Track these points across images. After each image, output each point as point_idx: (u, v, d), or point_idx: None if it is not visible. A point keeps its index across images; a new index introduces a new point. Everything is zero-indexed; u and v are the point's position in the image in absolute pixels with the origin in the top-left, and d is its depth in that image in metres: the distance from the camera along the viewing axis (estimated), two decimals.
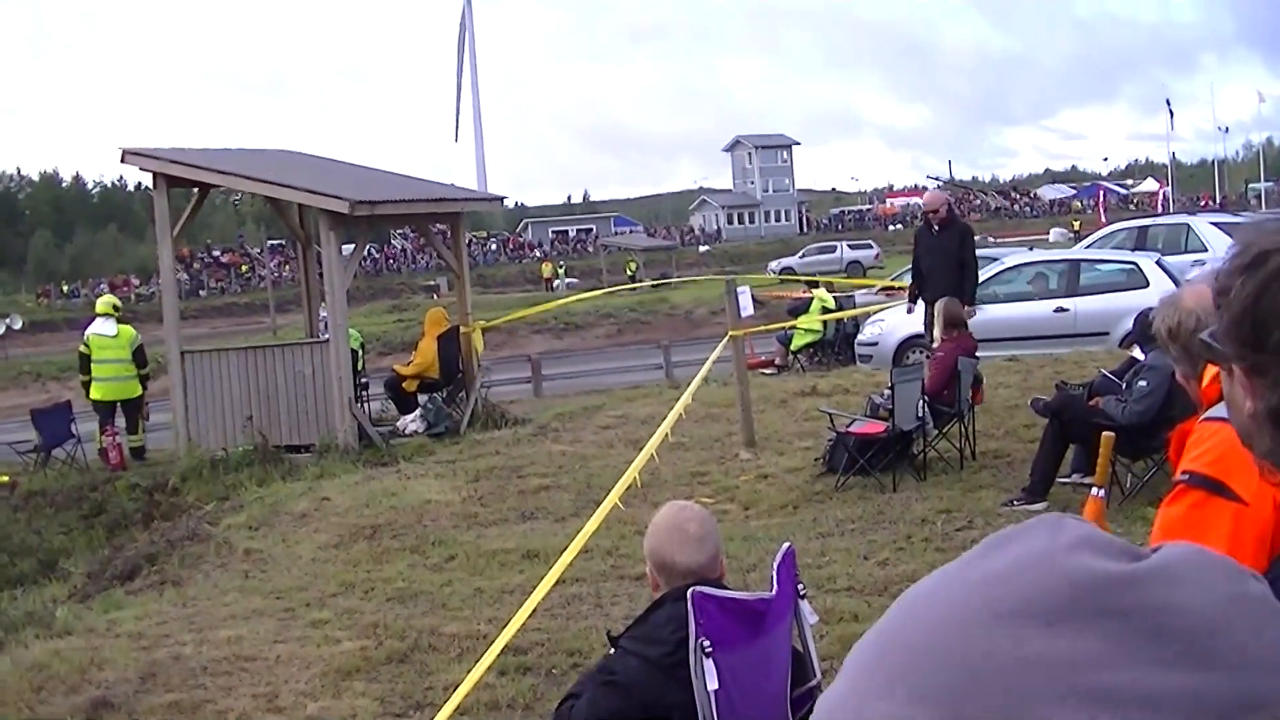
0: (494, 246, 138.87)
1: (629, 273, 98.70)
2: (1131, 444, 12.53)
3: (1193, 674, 1.10)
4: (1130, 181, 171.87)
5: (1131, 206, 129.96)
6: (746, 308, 18.46)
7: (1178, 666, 1.10)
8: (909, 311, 20.38)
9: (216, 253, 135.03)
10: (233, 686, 10.22)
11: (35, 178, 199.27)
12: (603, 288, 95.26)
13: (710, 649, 5.14)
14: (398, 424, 23.37)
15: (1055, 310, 24.75)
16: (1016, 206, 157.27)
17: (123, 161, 24.10)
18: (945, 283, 18.19)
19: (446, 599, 12.21)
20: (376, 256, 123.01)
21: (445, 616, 11.63)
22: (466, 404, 23.45)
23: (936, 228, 18.95)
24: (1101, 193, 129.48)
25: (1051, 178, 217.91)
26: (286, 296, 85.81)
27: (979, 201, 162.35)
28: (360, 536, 15.13)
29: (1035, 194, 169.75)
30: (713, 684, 5.13)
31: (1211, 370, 4.11)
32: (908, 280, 31.37)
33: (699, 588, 5.21)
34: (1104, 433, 6.55)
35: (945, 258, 18.70)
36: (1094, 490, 6.12)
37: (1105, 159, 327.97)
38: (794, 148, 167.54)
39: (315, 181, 23.42)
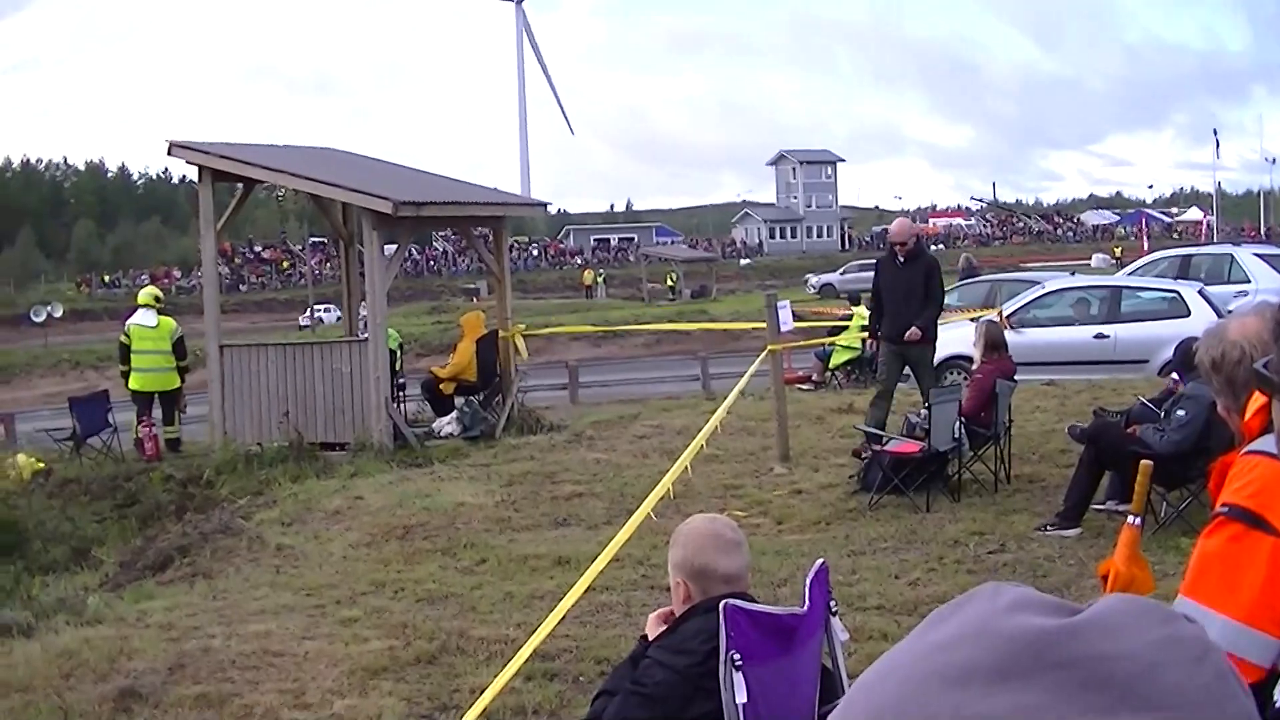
0: (535, 252, 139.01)
1: (669, 284, 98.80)
2: (1168, 473, 12.45)
3: (1133, 717, 1.12)
4: (1175, 210, 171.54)
5: (1175, 235, 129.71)
6: (786, 322, 18.46)
7: (1118, 711, 1.13)
8: (869, 346, 19.59)
9: (258, 248, 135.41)
10: (260, 681, 10.23)
11: (81, 167, 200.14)
12: (641, 297, 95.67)
13: (740, 662, 5.14)
14: (433, 425, 23.40)
15: (1095, 336, 24.67)
16: (1059, 231, 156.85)
17: (169, 154, 24.18)
18: (906, 316, 17.31)
19: (476, 602, 12.21)
20: (417, 258, 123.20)
21: (474, 619, 11.63)
22: (502, 408, 23.46)
23: (902, 259, 17.66)
24: (1145, 220, 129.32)
25: (1096, 203, 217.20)
26: (326, 294, 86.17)
27: (1022, 224, 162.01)
28: (392, 536, 15.15)
29: (1079, 219, 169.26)
30: (741, 697, 5.12)
31: (1255, 403, 4.10)
32: (948, 301, 31.46)
33: (731, 600, 5.20)
34: (1143, 461, 6.52)
35: (910, 290, 17.45)
36: (1130, 518, 6.10)
37: (1150, 186, 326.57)
38: (838, 164, 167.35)
39: (360, 180, 23.47)
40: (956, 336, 23.91)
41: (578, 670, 10.05)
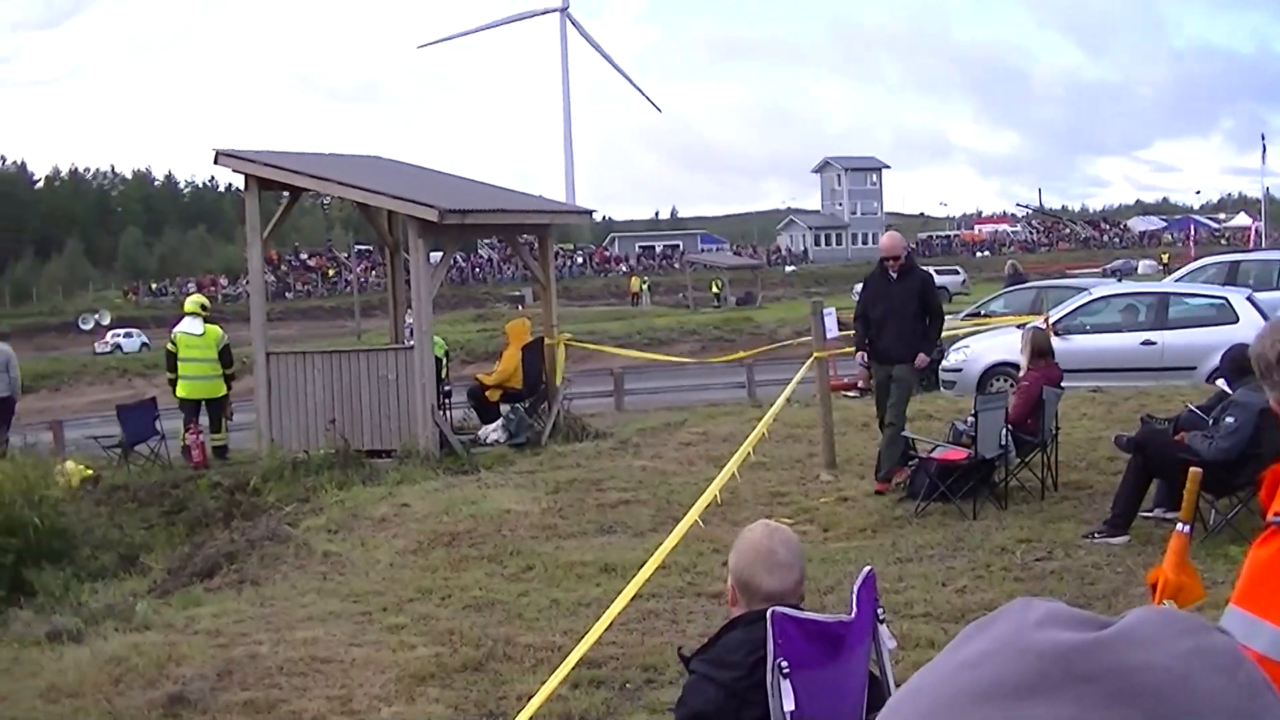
0: (580, 259, 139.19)
1: (714, 291, 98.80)
2: (1216, 480, 12.38)
3: None
4: (1222, 215, 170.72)
5: (1223, 241, 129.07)
6: (832, 330, 18.43)
7: None
8: (861, 364, 18.75)
9: (304, 256, 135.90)
10: (308, 687, 10.26)
11: (128, 176, 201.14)
12: (686, 304, 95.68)
13: (788, 670, 5.12)
14: (479, 433, 23.42)
15: (1142, 343, 24.55)
16: (1105, 237, 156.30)
17: (216, 163, 24.30)
18: (902, 332, 16.64)
19: (523, 609, 12.22)
20: (463, 265, 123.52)
21: (521, 626, 11.64)
22: (548, 415, 23.48)
23: (894, 275, 16.88)
24: (1192, 226, 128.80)
25: (1142, 209, 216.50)
26: (371, 301, 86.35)
27: (1068, 231, 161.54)
28: (438, 543, 15.17)
29: (1125, 225, 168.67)
30: (789, 705, 5.11)
31: None
32: (994, 307, 31.39)
33: (779, 608, 5.19)
34: (1192, 468, 6.49)
35: (903, 306, 16.72)
36: (1179, 526, 6.08)
37: (1198, 192, 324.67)
38: (883, 171, 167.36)
39: (405, 188, 23.53)
40: (1003, 343, 23.89)
41: (624, 677, 10.06)
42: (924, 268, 18.43)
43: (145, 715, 9.80)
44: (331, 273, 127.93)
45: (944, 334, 28.49)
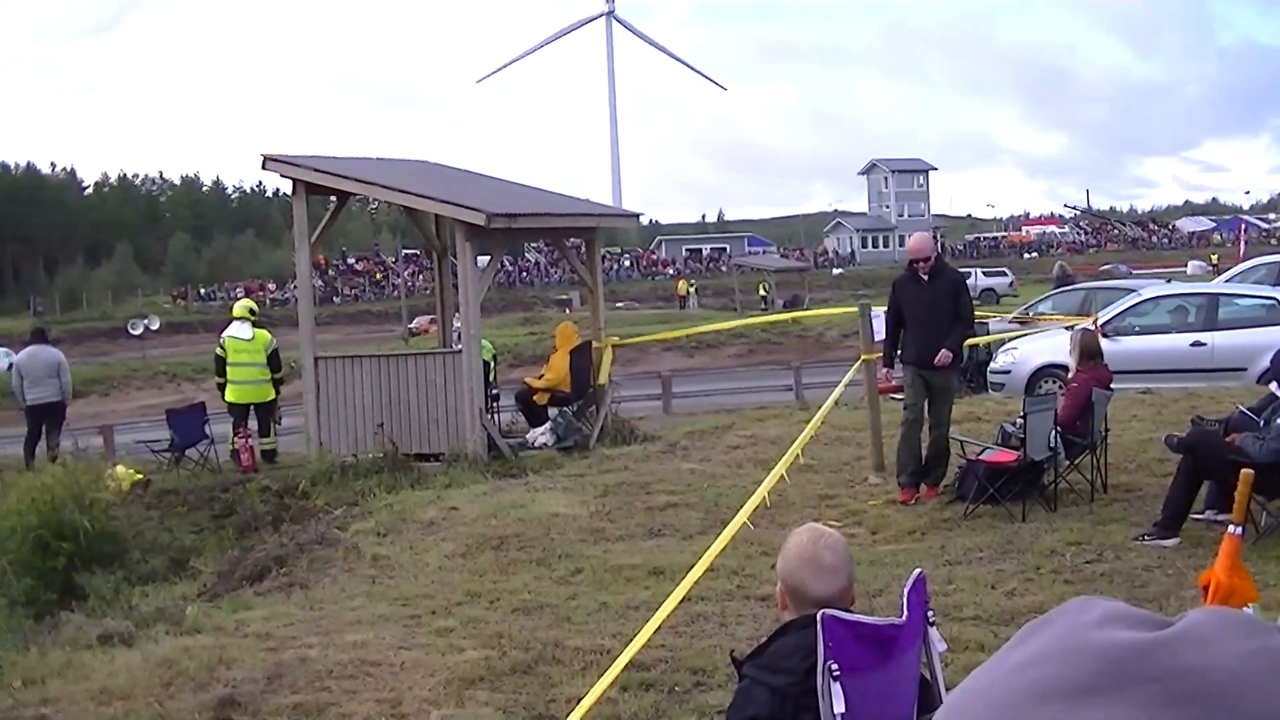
0: (627, 262, 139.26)
1: (761, 293, 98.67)
2: (1268, 482, 12.31)
3: None
4: (1272, 215, 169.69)
5: (1273, 241, 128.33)
6: (880, 331, 18.38)
7: None
8: (887, 374, 17.66)
9: (351, 260, 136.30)
10: (357, 691, 10.28)
11: (176, 181, 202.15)
12: (734, 307, 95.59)
13: (838, 672, 5.11)
14: (527, 436, 23.46)
15: (1192, 344, 24.43)
16: (1154, 238, 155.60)
17: (263, 168, 24.38)
18: (933, 338, 16.16)
19: (571, 612, 12.22)
20: (510, 269, 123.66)
21: (570, 630, 11.64)
22: (596, 419, 23.50)
23: (925, 276, 16.38)
24: (1242, 226, 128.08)
25: (1191, 210, 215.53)
26: (419, 305, 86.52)
27: (1116, 232, 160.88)
28: (487, 547, 15.18)
29: (1174, 226, 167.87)
30: (840, 707, 5.09)
31: None
32: (1042, 309, 31.27)
33: (829, 611, 5.18)
34: (1243, 470, 6.46)
35: (935, 309, 16.22)
36: (1231, 528, 6.05)
37: (1247, 192, 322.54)
38: (930, 173, 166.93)
39: (453, 192, 23.58)
40: (1051, 345, 23.80)
41: (673, 680, 10.04)
42: (956, 269, 17.93)
43: (196, 718, 9.83)
44: (379, 277, 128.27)
45: (993, 336, 28.59)
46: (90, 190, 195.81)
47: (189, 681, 10.69)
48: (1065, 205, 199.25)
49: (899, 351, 16.59)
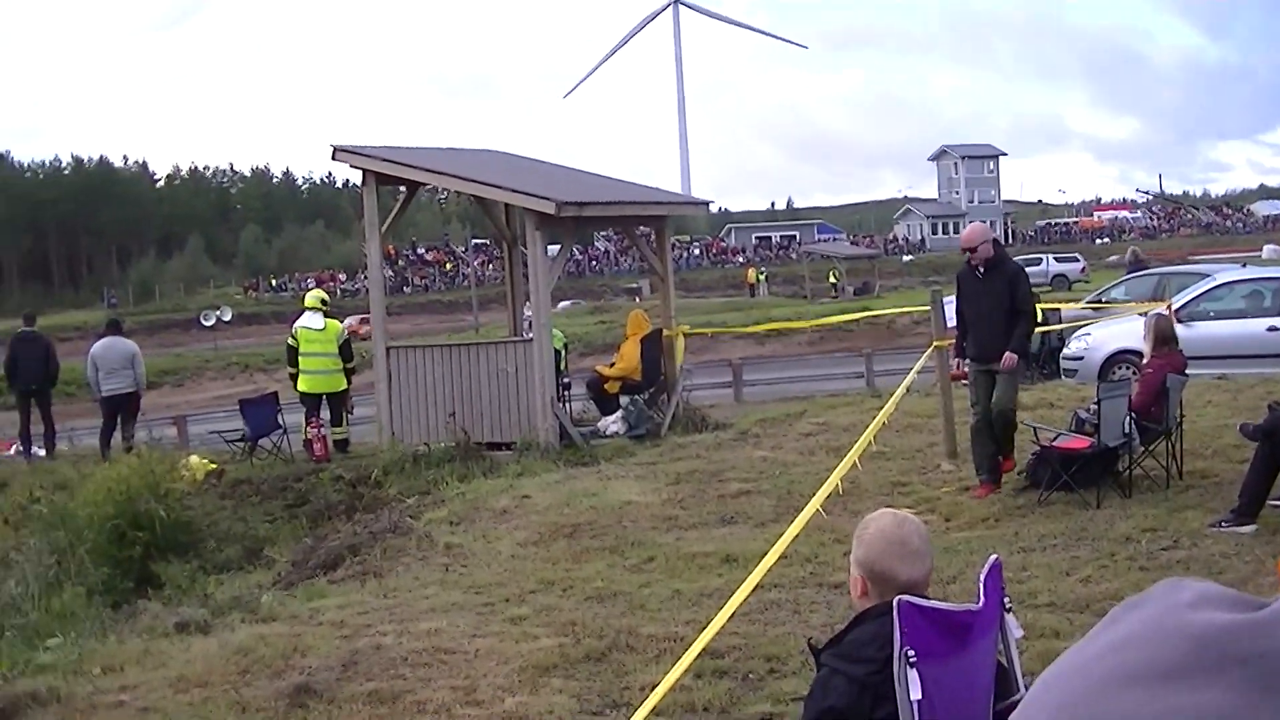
0: (696, 251, 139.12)
1: (831, 281, 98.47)
2: None
3: None
4: None
5: None
6: (952, 319, 18.31)
7: None
8: (955, 368, 17.46)
9: (421, 250, 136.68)
10: (431, 678, 10.31)
11: (246, 173, 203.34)
12: (804, 295, 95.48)
13: (915, 659, 5.08)
14: (599, 425, 23.46)
15: (1268, 329, 24.19)
16: (1229, 223, 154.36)
17: (333, 159, 24.45)
18: (991, 334, 15.66)
19: (645, 600, 12.23)
20: (579, 257, 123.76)
21: (643, 617, 11.65)
22: (668, 407, 23.48)
23: (981, 269, 15.84)
24: None
25: (1266, 194, 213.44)
26: (489, 295, 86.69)
27: (1189, 216, 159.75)
28: (559, 535, 15.21)
29: (1248, 210, 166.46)
30: (916, 694, 5.06)
31: None
32: (1115, 294, 31.07)
33: (906, 597, 5.15)
34: None
35: (992, 304, 15.66)
36: None
37: None
38: (1000, 158, 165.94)
39: (522, 181, 23.62)
40: (1125, 331, 23.62)
41: (747, 668, 10.03)
42: (1016, 260, 17.09)
43: (272, 705, 9.89)
44: (449, 267, 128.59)
45: (1064, 324, 28.42)
46: (162, 183, 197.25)
47: (265, 669, 10.77)
48: (1137, 190, 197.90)
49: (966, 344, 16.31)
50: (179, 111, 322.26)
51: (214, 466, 23.31)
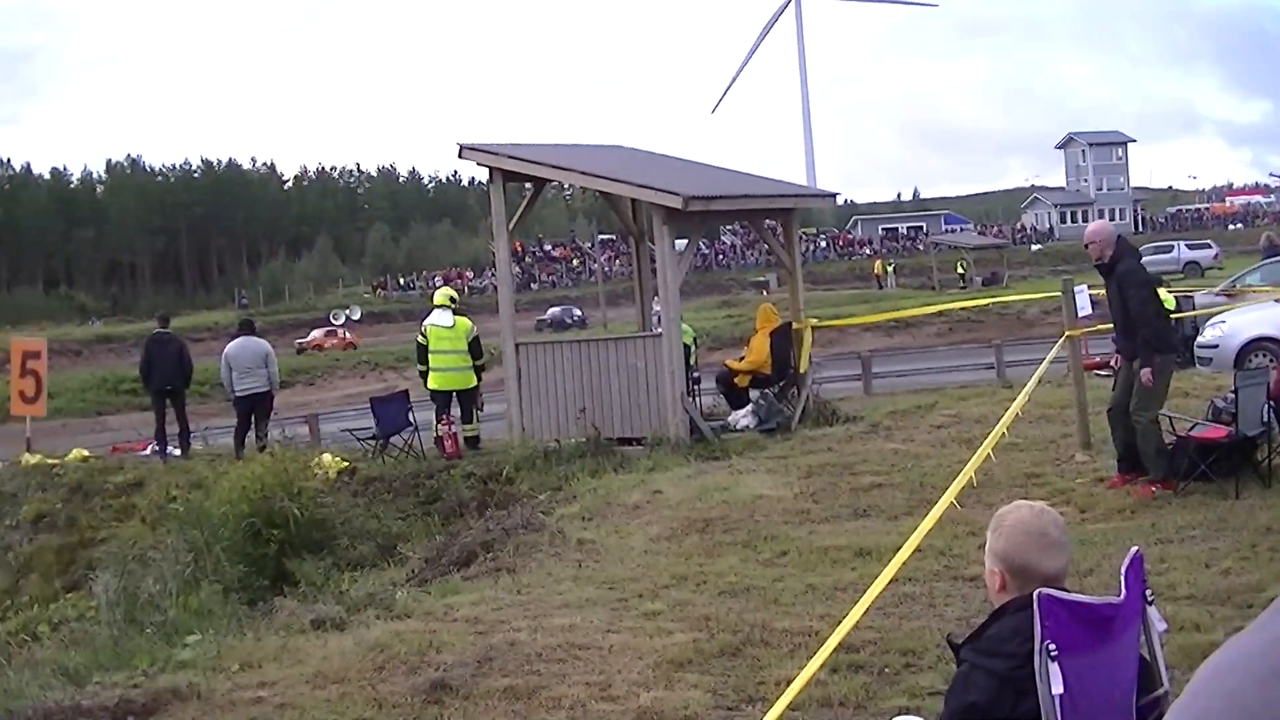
0: (823, 243, 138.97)
1: (959, 271, 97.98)
2: None
3: None
4: None
5: None
6: (1085, 307, 18.12)
7: None
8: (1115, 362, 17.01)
9: (548, 246, 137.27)
10: (566, 674, 10.32)
11: (373, 173, 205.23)
12: (932, 286, 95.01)
13: (1056, 653, 5.01)
14: (729, 419, 23.45)
15: None
16: None
17: (460, 157, 24.58)
18: (1120, 331, 15.65)
19: (778, 594, 12.18)
20: (705, 252, 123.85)
21: (777, 611, 11.60)
22: (798, 400, 23.41)
23: (1102, 267, 15.67)
24: None
25: None
26: (616, 290, 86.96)
27: None
28: (692, 530, 15.19)
29: None
30: (1058, 688, 4.99)
31: None
32: (1251, 281, 30.67)
33: (1046, 590, 5.08)
34: None
35: (1113, 304, 15.62)
36: None
37: None
38: (1129, 145, 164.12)
39: (649, 176, 23.62)
40: (1261, 317, 23.33)
41: (883, 662, 9.96)
42: (1131, 259, 15.95)
43: (408, 701, 9.93)
44: (575, 263, 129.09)
45: (1198, 311, 28.07)
46: (290, 184, 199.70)
47: (401, 665, 10.82)
48: (1271, 174, 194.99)
49: None
50: (306, 112, 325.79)
51: (346, 464, 23.50)
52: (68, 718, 10.36)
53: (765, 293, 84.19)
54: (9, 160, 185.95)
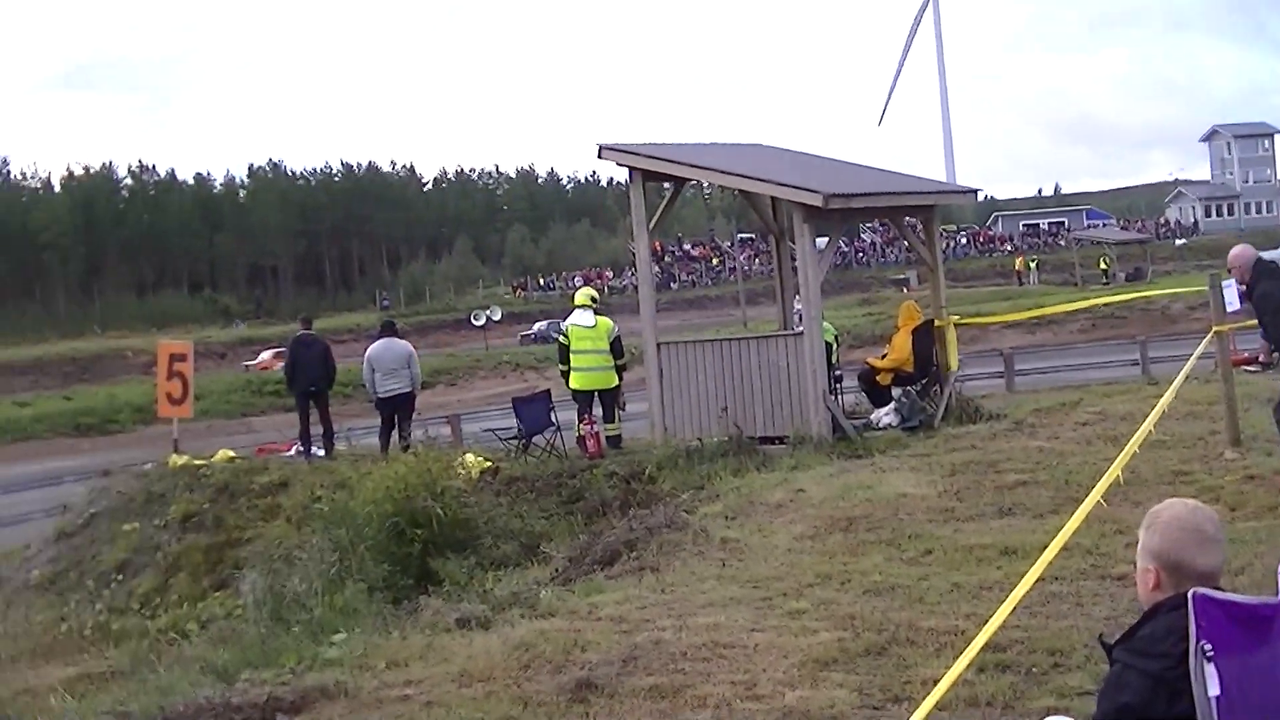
0: (963, 240, 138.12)
1: (1102, 267, 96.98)
2: None
3: None
4: None
5: None
6: (1232, 303, 17.87)
7: None
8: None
9: (687, 246, 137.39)
10: (711, 673, 10.31)
11: (512, 174, 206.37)
12: (1074, 282, 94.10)
13: (1211, 653, 4.93)
14: (871, 417, 23.39)
15: None
16: None
17: (599, 157, 24.68)
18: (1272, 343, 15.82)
19: (923, 593, 12.11)
20: (845, 249, 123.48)
21: (922, 610, 11.53)
22: (940, 398, 23.29)
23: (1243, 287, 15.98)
24: None
25: None
26: (756, 289, 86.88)
27: None
28: (836, 528, 15.14)
29: None
30: (1214, 690, 4.92)
31: None
32: None
33: (1201, 590, 5.01)
34: None
35: (1261, 321, 15.93)
36: None
37: None
38: (1275, 136, 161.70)
39: (788, 174, 23.59)
40: None
41: (1030, 662, 9.88)
42: (1268, 282, 15.82)
43: (553, 699, 9.96)
44: (715, 262, 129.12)
45: None
46: (429, 186, 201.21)
47: (546, 664, 10.85)
48: None
49: None
50: (445, 114, 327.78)
51: (489, 464, 23.59)
52: (219, 714, 10.50)
53: (905, 290, 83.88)
54: (154, 166, 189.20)
